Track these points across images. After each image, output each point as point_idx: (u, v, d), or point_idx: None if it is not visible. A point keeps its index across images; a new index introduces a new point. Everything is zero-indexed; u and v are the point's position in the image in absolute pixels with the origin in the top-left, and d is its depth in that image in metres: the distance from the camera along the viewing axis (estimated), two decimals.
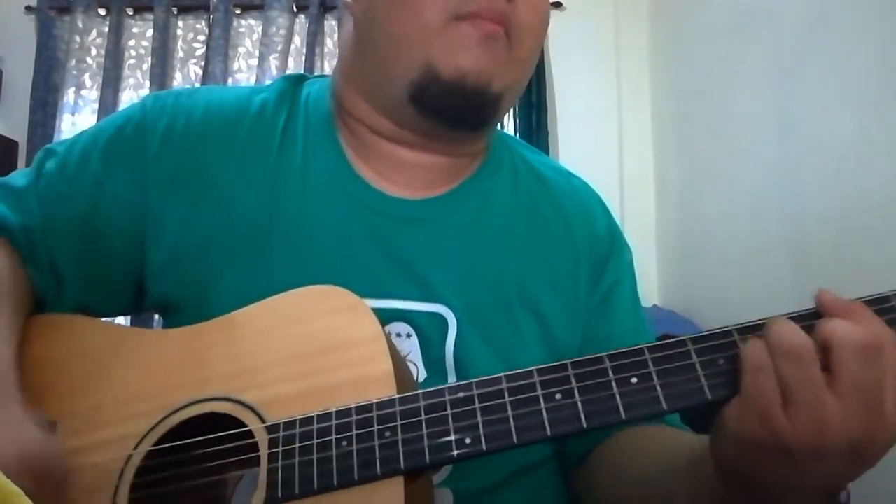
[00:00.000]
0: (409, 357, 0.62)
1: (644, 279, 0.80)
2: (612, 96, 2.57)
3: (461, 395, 0.49)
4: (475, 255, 0.68)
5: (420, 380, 0.62)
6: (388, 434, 0.48)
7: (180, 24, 2.70)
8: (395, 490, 0.47)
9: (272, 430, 0.51)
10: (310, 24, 2.62)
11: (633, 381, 0.47)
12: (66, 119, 2.57)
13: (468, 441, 0.48)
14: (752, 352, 0.44)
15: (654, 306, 2.28)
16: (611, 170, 2.49)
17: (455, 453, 0.48)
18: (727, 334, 0.47)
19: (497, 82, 0.62)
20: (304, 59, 2.60)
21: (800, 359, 0.43)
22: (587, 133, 2.54)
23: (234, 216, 0.65)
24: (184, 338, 0.58)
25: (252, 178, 0.66)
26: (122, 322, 1.85)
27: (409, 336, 0.63)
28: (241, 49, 2.68)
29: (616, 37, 2.60)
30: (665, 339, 0.48)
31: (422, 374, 0.63)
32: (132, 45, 2.69)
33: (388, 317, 0.56)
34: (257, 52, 2.63)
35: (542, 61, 2.54)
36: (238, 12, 2.68)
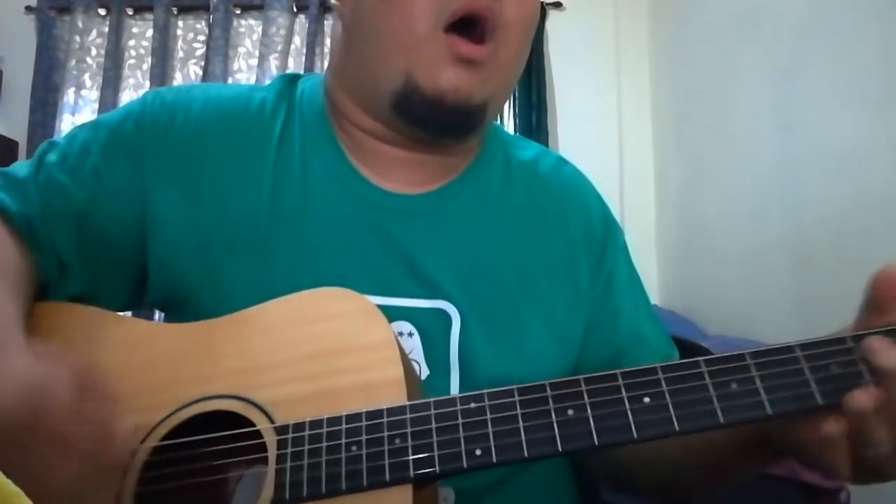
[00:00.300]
0: (411, 355, 0.62)
1: (644, 279, 0.80)
2: (611, 96, 2.57)
3: (472, 405, 0.49)
4: (474, 247, 0.68)
5: (423, 377, 0.62)
6: (398, 441, 0.49)
7: (180, 24, 2.70)
8: (403, 497, 0.48)
9: (281, 430, 0.51)
10: (310, 24, 2.61)
11: (646, 400, 0.47)
12: (66, 119, 2.57)
13: (479, 452, 0.48)
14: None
15: (654, 306, 2.27)
16: (611, 169, 2.49)
17: (465, 464, 0.48)
18: (740, 357, 0.48)
19: (477, 96, 0.63)
20: (304, 59, 2.60)
21: None
22: (587, 133, 2.54)
23: (234, 211, 0.65)
24: (193, 332, 0.58)
25: (251, 173, 0.67)
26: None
27: (411, 334, 0.63)
28: (241, 49, 2.67)
29: (616, 36, 2.59)
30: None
31: (424, 372, 0.63)
32: (132, 45, 2.68)
33: (391, 315, 0.57)
34: (257, 52, 2.62)
35: (542, 61, 2.54)
36: (238, 12, 2.68)
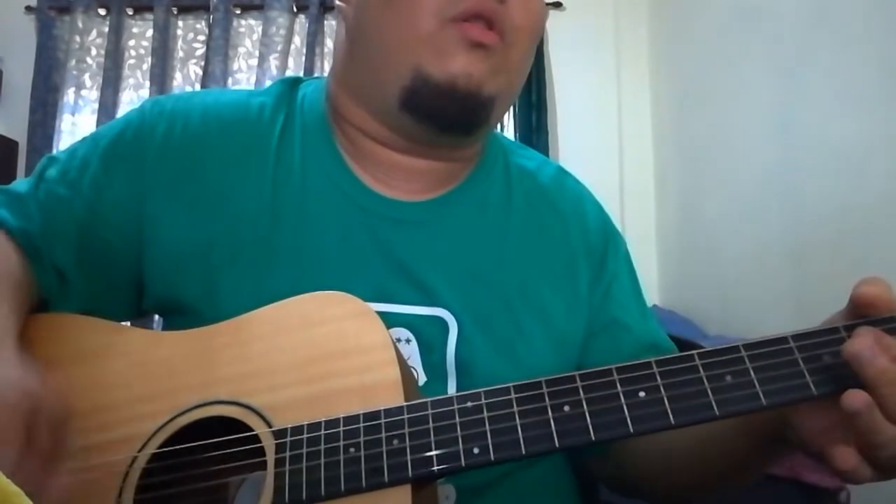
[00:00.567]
0: (409, 362, 0.62)
1: (644, 279, 0.81)
2: (611, 96, 2.56)
3: (469, 404, 0.49)
4: (474, 256, 0.68)
5: (420, 384, 0.63)
6: (395, 442, 0.49)
7: (180, 24, 2.70)
8: (402, 498, 0.48)
9: (279, 434, 0.51)
10: (310, 25, 2.61)
11: (641, 394, 0.47)
12: (66, 119, 2.56)
13: (476, 451, 0.48)
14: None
15: (654, 306, 2.28)
16: (611, 169, 2.49)
17: (463, 463, 0.48)
18: (734, 349, 0.48)
19: (488, 87, 0.62)
20: (304, 59, 2.59)
21: None
22: (587, 133, 2.54)
23: (235, 218, 0.65)
24: (191, 339, 0.58)
25: (251, 180, 0.67)
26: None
27: (408, 341, 0.64)
28: (241, 49, 2.67)
29: (616, 36, 2.59)
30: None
31: (422, 379, 0.63)
32: (132, 45, 2.68)
33: (389, 322, 0.57)
34: (257, 53, 2.62)
35: (542, 61, 2.54)
36: (238, 12, 2.68)
